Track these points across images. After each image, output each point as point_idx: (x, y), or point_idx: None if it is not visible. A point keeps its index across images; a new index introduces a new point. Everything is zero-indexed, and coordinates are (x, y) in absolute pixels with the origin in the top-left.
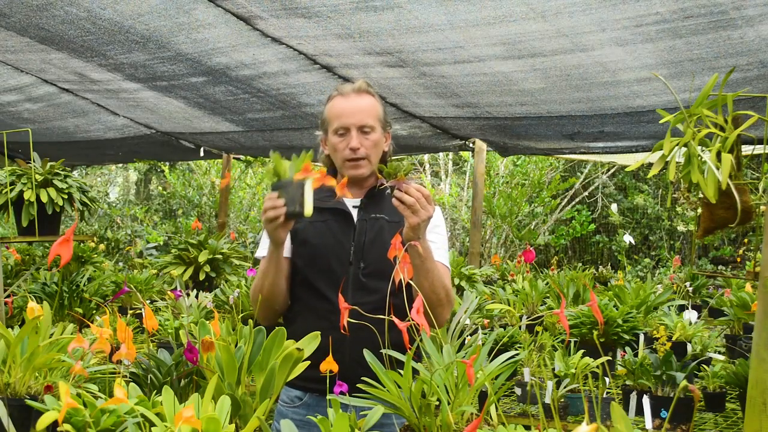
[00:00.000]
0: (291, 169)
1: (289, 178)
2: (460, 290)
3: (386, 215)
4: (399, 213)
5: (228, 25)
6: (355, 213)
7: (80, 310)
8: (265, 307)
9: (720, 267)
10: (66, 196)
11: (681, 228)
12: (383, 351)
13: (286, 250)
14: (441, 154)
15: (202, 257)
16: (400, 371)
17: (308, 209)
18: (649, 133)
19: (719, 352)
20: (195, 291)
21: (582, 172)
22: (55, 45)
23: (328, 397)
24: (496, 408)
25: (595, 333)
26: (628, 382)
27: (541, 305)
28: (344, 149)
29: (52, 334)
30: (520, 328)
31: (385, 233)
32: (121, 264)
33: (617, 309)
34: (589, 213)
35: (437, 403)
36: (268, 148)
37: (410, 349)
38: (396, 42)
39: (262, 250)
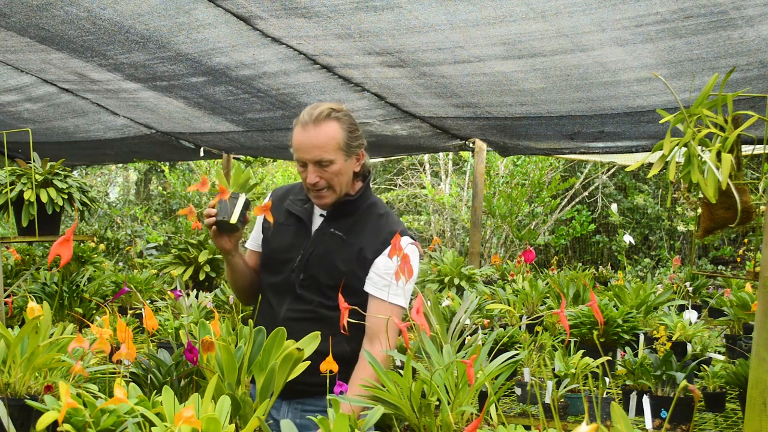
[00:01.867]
0: (231, 184)
1: (231, 191)
2: (460, 290)
3: (344, 234)
4: (358, 235)
5: (228, 25)
6: (318, 222)
7: (80, 310)
8: (237, 296)
9: (720, 267)
10: (66, 196)
11: (681, 228)
12: (385, 351)
13: (257, 244)
14: (441, 154)
15: (202, 257)
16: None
17: (234, 218)
18: (649, 133)
19: (719, 352)
20: (195, 291)
21: (582, 172)
22: (55, 45)
23: (328, 397)
24: (496, 408)
25: (595, 333)
26: (628, 382)
27: (541, 305)
28: (305, 180)
29: (52, 334)
30: (520, 328)
31: (335, 252)
32: (121, 264)
33: (617, 309)
34: (589, 213)
35: (437, 403)
36: (268, 148)
37: (408, 348)
38: (396, 42)
39: (249, 242)
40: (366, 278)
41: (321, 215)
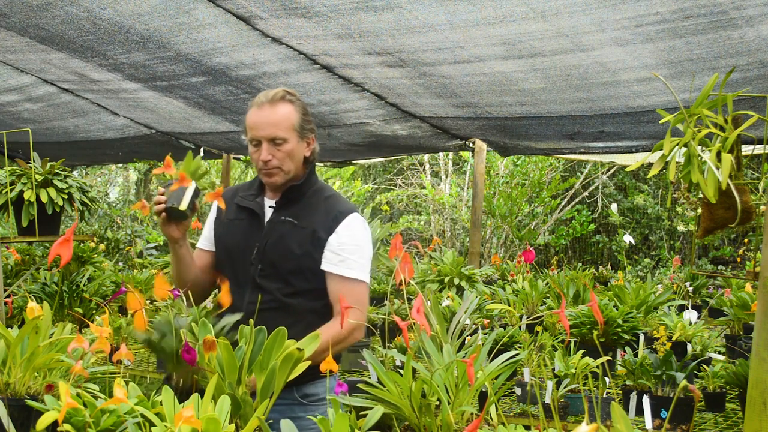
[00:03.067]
0: (179, 170)
1: (175, 177)
2: (460, 290)
3: (295, 219)
4: (309, 218)
5: (228, 25)
6: (269, 213)
7: (80, 310)
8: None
9: (720, 267)
10: (66, 196)
11: (681, 228)
12: (385, 351)
13: (209, 243)
14: (441, 154)
15: None
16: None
17: (183, 205)
18: (649, 133)
19: (719, 352)
20: None
21: (582, 172)
22: (55, 45)
23: (328, 396)
24: (496, 408)
25: (595, 333)
26: (628, 382)
27: (541, 305)
28: (257, 159)
29: (52, 334)
30: (520, 328)
31: (289, 237)
32: (121, 264)
33: (617, 309)
34: (589, 213)
35: (437, 403)
36: None
37: (409, 348)
38: (396, 42)
39: (199, 242)
40: (321, 257)
41: (270, 206)
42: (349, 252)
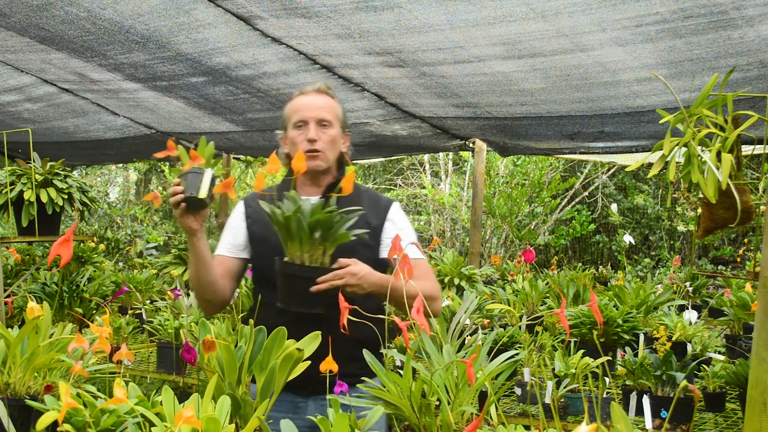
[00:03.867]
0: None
1: (193, 167)
2: (460, 290)
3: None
4: (353, 212)
5: (228, 25)
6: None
7: (80, 310)
8: (198, 297)
9: (720, 267)
10: (66, 196)
11: (681, 228)
12: (385, 351)
13: (243, 250)
14: (441, 154)
15: None
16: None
17: (202, 193)
18: (649, 133)
19: (719, 352)
20: None
21: (582, 172)
22: (55, 45)
23: (328, 396)
24: (496, 408)
25: (595, 333)
26: (628, 382)
27: (541, 305)
28: (302, 141)
29: (52, 334)
30: (520, 328)
31: None
32: (121, 264)
33: (617, 309)
34: (589, 213)
35: (437, 403)
36: (268, 148)
37: (408, 348)
38: (396, 42)
39: (219, 248)
40: (379, 247)
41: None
42: (406, 235)
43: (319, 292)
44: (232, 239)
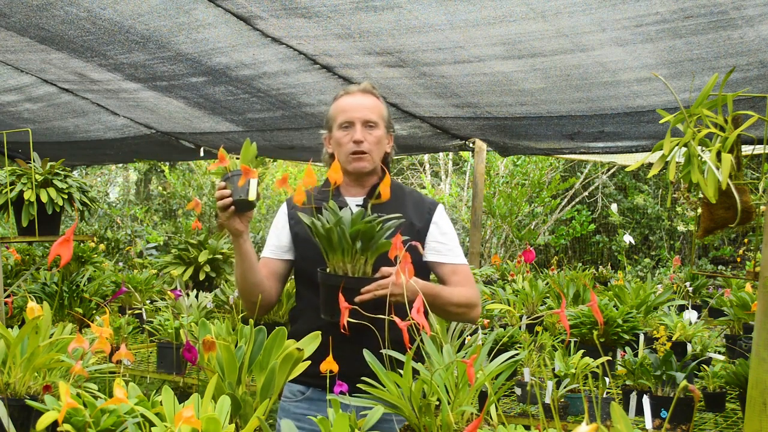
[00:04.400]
0: (239, 162)
1: (236, 169)
2: None
3: (388, 213)
4: (402, 211)
5: (228, 25)
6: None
7: (80, 310)
8: (244, 299)
9: (720, 267)
10: (66, 196)
11: (681, 228)
12: (383, 351)
13: (288, 252)
14: (441, 154)
15: (202, 257)
16: (400, 371)
17: (252, 196)
18: (649, 133)
19: (719, 352)
20: (195, 291)
21: (582, 172)
22: (55, 45)
23: (328, 396)
24: (496, 408)
25: (595, 333)
26: (628, 382)
27: (541, 305)
28: (348, 143)
29: (52, 334)
30: (520, 328)
31: None
32: (121, 264)
33: (617, 309)
34: (589, 213)
35: (437, 403)
36: (268, 148)
37: (410, 348)
38: (396, 42)
39: (265, 250)
40: (425, 249)
41: (357, 204)
42: (451, 239)
43: (362, 302)
44: (276, 240)
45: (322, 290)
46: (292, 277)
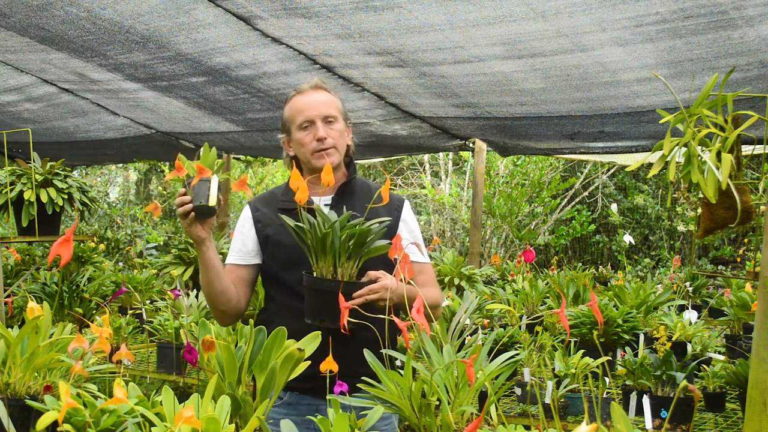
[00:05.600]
0: (197, 163)
1: (195, 175)
2: (460, 290)
3: (358, 212)
4: (371, 210)
5: (228, 25)
6: (326, 211)
7: (80, 310)
8: (212, 308)
9: (720, 267)
10: (66, 196)
11: (681, 228)
12: (383, 351)
13: (255, 256)
14: (441, 154)
15: None
16: (399, 371)
17: (212, 201)
18: (649, 133)
19: (719, 352)
20: (195, 291)
21: (582, 172)
22: (55, 45)
23: (328, 396)
24: (496, 408)
25: (595, 333)
26: (628, 382)
27: (541, 305)
28: (311, 141)
29: (52, 334)
30: (520, 328)
31: None
32: (121, 264)
33: (617, 309)
34: (589, 213)
35: (437, 403)
36: (268, 148)
37: (408, 348)
38: (396, 42)
39: (230, 257)
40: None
41: (326, 204)
42: (417, 237)
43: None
44: (242, 245)
45: (310, 294)
46: None
